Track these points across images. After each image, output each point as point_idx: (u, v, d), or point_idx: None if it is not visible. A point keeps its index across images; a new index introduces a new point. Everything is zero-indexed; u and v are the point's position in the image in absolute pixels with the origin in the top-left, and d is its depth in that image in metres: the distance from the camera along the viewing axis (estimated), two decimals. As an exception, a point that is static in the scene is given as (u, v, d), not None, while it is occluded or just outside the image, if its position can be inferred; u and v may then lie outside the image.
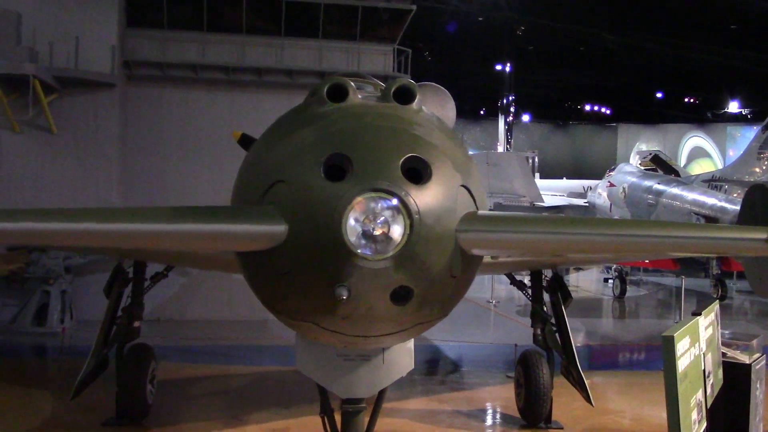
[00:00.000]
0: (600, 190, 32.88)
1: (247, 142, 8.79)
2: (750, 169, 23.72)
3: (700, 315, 6.77)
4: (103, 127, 17.85)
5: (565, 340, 10.65)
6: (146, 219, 3.98)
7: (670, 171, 31.37)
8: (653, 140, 66.67)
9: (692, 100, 61.23)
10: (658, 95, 60.50)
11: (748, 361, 8.11)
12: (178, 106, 18.82)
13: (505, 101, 53.26)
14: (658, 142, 65.39)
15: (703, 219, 23.83)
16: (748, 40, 42.55)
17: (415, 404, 11.52)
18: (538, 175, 49.26)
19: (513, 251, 6.97)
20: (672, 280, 29.47)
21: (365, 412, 5.74)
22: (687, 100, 61.14)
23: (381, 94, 4.41)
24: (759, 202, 7.11)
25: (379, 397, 5.85)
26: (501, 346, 15.79)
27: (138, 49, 18.52)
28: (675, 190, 26.67)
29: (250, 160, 4.51)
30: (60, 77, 17.04)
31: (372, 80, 6.96)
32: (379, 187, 3.73)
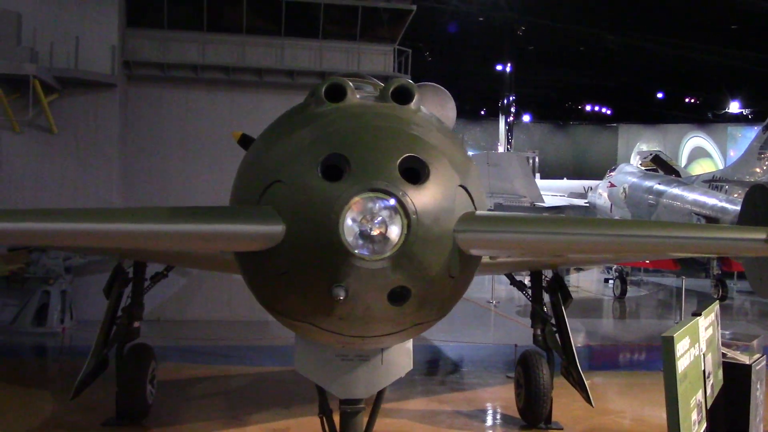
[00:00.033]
0: (600, 191, 32.84)
1: (247, 143, 8.75)
2: (750, 170, 23.68)
3: (700, 315, 6.76)
4: (104, 128, 17.86)
5: (565, 341, 10.65)
6: (144, 219, 3.98)
7: (671, 171, 31.32)
8: (654, 140, 66.62)
9: (693, 101, 61.20)
10: (659, 95, 60.49)
11: (749, 362, 8.10)
12: (179, 106, 18.83)
13: (506, 101, 53.22)
14: (658, 142, 65.33)
15: (703, 219, 23.79)
16: (749, 41, 42.53)
17: (415, 404, 11.52)
18: (538, 175, 49.25)
19: (511, 251, 6.95)
20: (672, 281, 29.44)
21: (364, 412, 5.73)
22: (687, 100, 61.12)
23: (379, 94, 4.39)
24: (760, 203, 7.10)
25: (378, 397, 5.84)
26: (501, 347, 15.77)
27: (138, 50, 18.52)
28: (675, 190, 26.63)
29: (248, 160, 4.50)
30: (60, 77, 17.06)
31: (372, 80, 6.95)
32: (377, 187, 3.72)
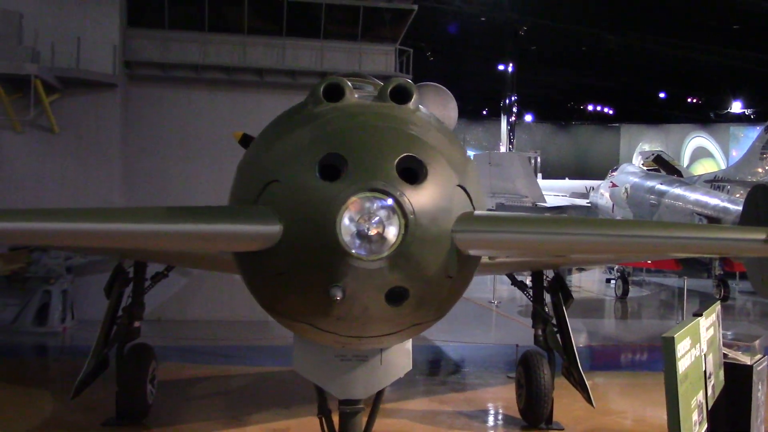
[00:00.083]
0: (602, 191, 32.79)
1: (247, 143, 8.73)
2: (753, 170, 23.61)
3: (701, 316, 6.73)
4: (105, 127, 17.87)
5: (566, 341, 10.61)
6: (141, 219, 3.98)
7: (673, 171, 31.25)
8: (656, 140, 66.56)
9: (695, 101, 61.15)
10: (661, 95, 60.46)
11: (750, 363, 8.08)
12: (180, 106, 18.82)
13: (508, 101, 53.15)
14: (660, 142, 65.25)
15: (705, 219, 23.74)
16: (751, 41, 42.47)
17: (415, 405, 11.50)
18: (540, 175, 49.24)
19: (510, 252, 6.92)
20: (674, 281, 29.37)
21: (363, 413, 5.72)
22: (690, 100, 61.06)
23: (378, 93, 4.38)
24: (761, 203, 7.08)
25: (377, 398, 5.82)
26: (502, 347, 15.75)
27: (139, 50, 18.52)
28: (677, 190, 26.58)
29: (246, 159, 4.49)
30: (61, 77, 17.07)
31: (372, 80, 6.93)
32: (374, 186, 3.71)
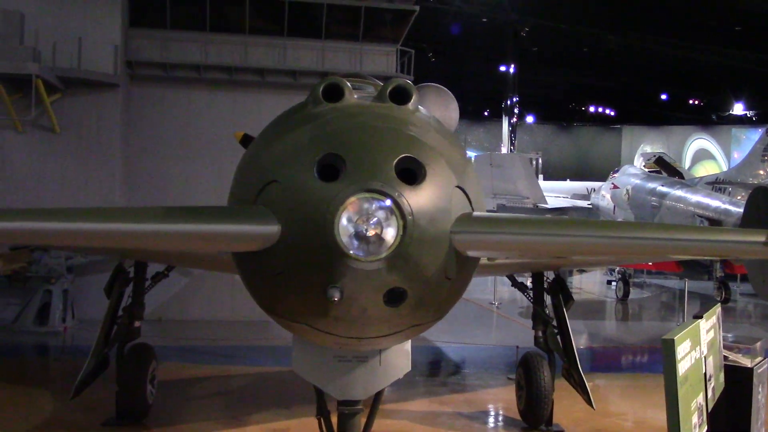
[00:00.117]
0: (604, 192, 32.75)
1: (248, 143, 8.70)
2: (754, 172, 23.58)
3: (701, 318, 6.72)
4: (106, 127, 17.87)
5: (566, 343, 10.59)
6: (139, 219, 3.97)
7: (674, 173, 31.17)
8: (657, 142, 66.50)
9: (697, 102, 61.10)
10: (663, 97, 60.41)
11: (750, 365, 8.06)
12: (181, 106, 18.83)
13: (509, 102, 53.13)
14: (662, 144, 65.19)
15: (706, 221, 23.69)
16: (753, 42, 42.43)
17: (415, 406, 11.49)
18: (541, 176, 49.15)
19: (509, 253, 6.89)
20: (675, 283, 29.32)
21: (362, 413, 5.71)
22: (691, 101, 61.01)
23: (377, 94, 4.38)
24: (762, 205, 7.09)
25: (376, 399, 5.82)
26: (502, 348, 15.74)
27: (141, 50, 18.52)
28: (679, 192, 26.54)
29: (245, 159, 4.49)
30: (63, 77, 17.08)
31: (372, 80, 6.92)
32: (373, 187, 3.70)
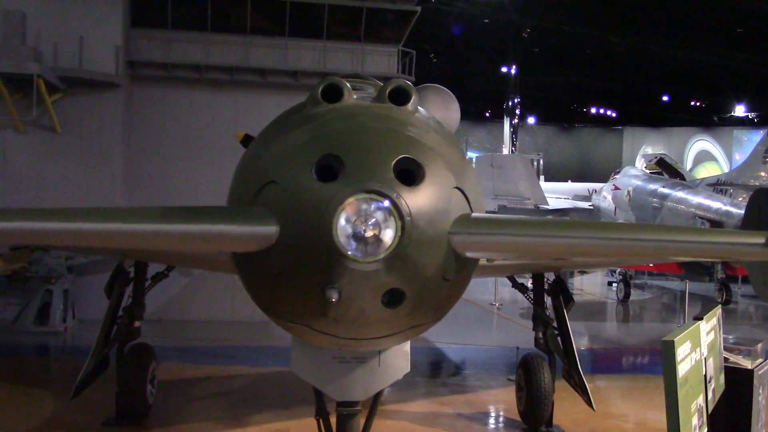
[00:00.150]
0: (605, 194, 32.75)
1: (249, 143, 8.74)
2: (755, 173, 23.56)
3: (701, 319, 6.71)
4: (107, 127, 17.87)
5: (566, 344, 10.57)
6: (139, 219, 3.97)
7: (676, 174, 31.16)
8: (659, 143, 66.44)
9: (698, 104, 61.10)
10: (664, 98, 60.40)
11: (751, 366, 8.04)
12: (182, 106, 18.82)
13: (511, 103, 53.20)
14: (663, 145, 65.13)
15: (707, 223, 23.67)
16: (754, 44, 42.43)
17: (416, 406, 11.48)
18: (542, 177, 49.16)
19: (507, 254, 6.88)
20: (676, 284, 29.31)
21: (361, 414, 5.70)
22: (693, 103, 61.02)
23: (376, 94, 4.37)
24: (764, 206, 7.09)
25: (375, 399, 5.82)
26: (503, 349, 15.72)
27: (142, 50, 18.53)
28: (680, 193, 26.52)
29: (244, 160, 4.49)
30: (64, 77, 17.08)
31: (372, 81, 6.92)
32: (371, 188, 3.70)
